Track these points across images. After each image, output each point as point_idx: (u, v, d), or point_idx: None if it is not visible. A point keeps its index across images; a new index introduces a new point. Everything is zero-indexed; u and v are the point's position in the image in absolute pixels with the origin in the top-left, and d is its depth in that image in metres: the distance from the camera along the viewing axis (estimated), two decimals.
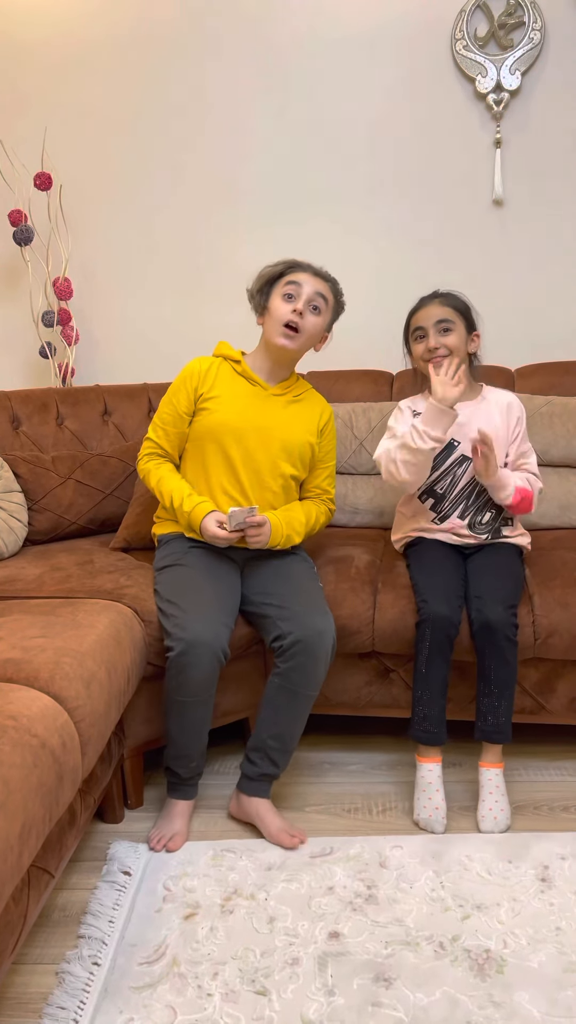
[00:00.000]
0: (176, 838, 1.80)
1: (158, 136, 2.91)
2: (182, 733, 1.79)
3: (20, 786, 1.19)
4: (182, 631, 1.73)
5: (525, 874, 1.67)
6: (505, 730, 1.86)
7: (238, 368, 2.03)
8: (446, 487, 2.06)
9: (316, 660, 1.78)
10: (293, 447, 2.00)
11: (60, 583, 1.98)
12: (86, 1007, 1.38)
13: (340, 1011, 1.35)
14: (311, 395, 2.11)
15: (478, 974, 1.42)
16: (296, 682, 1.80)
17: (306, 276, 1.96)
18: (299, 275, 1.96)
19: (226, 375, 2.02)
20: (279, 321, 1.94)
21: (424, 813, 1.85)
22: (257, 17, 2.79)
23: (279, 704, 1.82)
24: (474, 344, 2.05)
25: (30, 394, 2.63)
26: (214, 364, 2.04)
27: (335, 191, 2.88)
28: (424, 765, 1.89)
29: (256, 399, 2.01)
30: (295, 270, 1.98)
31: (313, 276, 1.97)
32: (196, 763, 1.83)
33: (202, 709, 1.77)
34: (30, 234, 2.84)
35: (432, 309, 2.01)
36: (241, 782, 1.89)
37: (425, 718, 1.88)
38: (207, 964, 1.46)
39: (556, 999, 1.36)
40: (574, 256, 2.81)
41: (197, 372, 2.01)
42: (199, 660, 1.71)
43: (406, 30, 2.73)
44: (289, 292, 1.94)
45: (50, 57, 2.89)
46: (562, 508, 2.40)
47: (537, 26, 2.65)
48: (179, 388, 2.02)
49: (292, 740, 1.85)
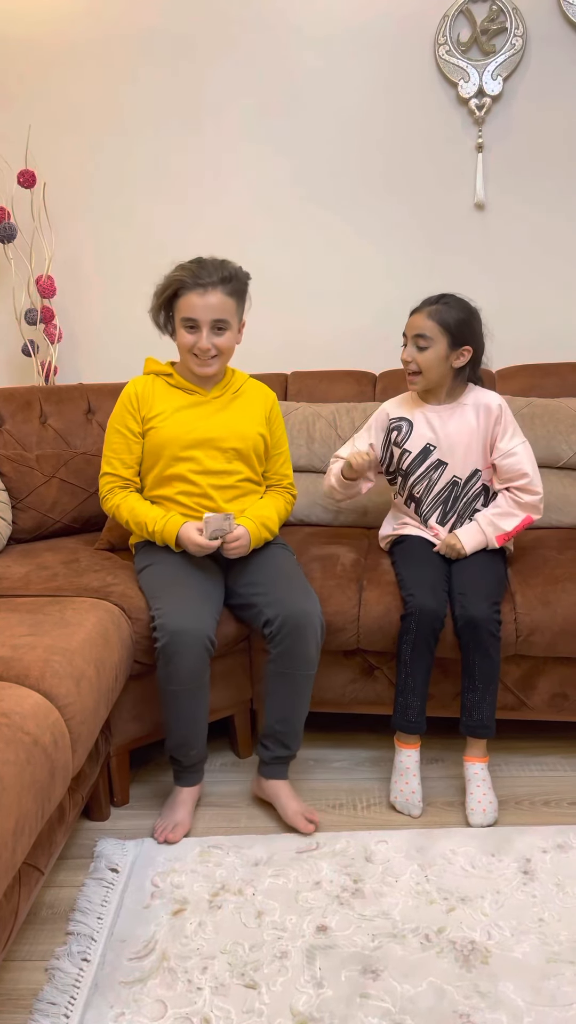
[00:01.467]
0: (177, 828, 1.83)
1: (142, 134, 2.92)
2: (178, 722, 1.81)
3: (14, 783, 1.20)
4: (166, 621, 1.76)
5: (508, 867, 1.70)
6: (489, 724, 1.90)
7: (172, 381, 2.03)
8: (422, 491, 2.10)
9: (305, 640, 1.81)
10: (246, 445, 2.01)
11: (47, 581, 1.99)
12: (76, 1002, 1.39)
13: (329, 1003, 1.37)
14: (250, 386, 2.10)
15: (463, 965, 1.45)
16: (290, 664, 1.83)
17: (199, 301, 1.88)
18: (191, 299, 1.88)
19: (162, 391, 2.02)
20: (186, 351, 1.95)
21: (401, 796, 1.91)
22: (242, 19, 2.80)
23: (278, 690, 1.86)
24: (461, 359, 2.01)
25: (13, 392, 2.62)
26: (148, 382, 2.04)
27: (318, 194, 2.90)
28: (403, 751, 1.94)
29: (196, 408, 2.01)
30: (185, 290, 1.89)
31: (203, 295, 1.88)
32: (196, 750, 1.86)
33: (194, 697, 1.79)
34: (13, 232, 2.83)
35: (418, 319, 2.00)
36: (259, 765, 1.95)
37: (407, 707, 1.92)
38: (196, 959, 1.48)
39: (540, 988, 1.39)
40: (555, 259, 2.86)
41: (134, 395, 2.02)
42: (185, 648, 1.74)
43: (389, 34, 2.76)
44: (189, 326, 1.92)
45: (35, 54, 2.88)
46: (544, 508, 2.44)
47: (519, 32, 2.69)
48: (123, 414, 2.02)
49: (299, 721, 1.89)
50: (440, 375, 2.02)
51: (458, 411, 2.07)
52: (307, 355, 2.96)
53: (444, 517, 2.10)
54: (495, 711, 1.91)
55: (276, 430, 2.11)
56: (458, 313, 1.98)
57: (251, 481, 2.06)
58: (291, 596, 1.85)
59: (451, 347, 1.99)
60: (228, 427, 2.01)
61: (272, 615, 1.83)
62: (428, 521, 2.11)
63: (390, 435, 2.14)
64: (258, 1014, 1.36)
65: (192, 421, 1.99)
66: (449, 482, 2.07)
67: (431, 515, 2.11)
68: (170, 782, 2.08)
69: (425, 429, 2.08)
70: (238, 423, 2.02)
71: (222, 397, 2.04)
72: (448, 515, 2.10)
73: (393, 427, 2.13)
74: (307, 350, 2.97)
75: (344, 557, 2.18)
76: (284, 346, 2.97)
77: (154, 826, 1.86)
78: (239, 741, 2.18)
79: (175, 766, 1.90)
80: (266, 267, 2.92)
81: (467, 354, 2.01)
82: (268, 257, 2.94)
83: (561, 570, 2.05)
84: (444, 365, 2.01)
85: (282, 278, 2.95)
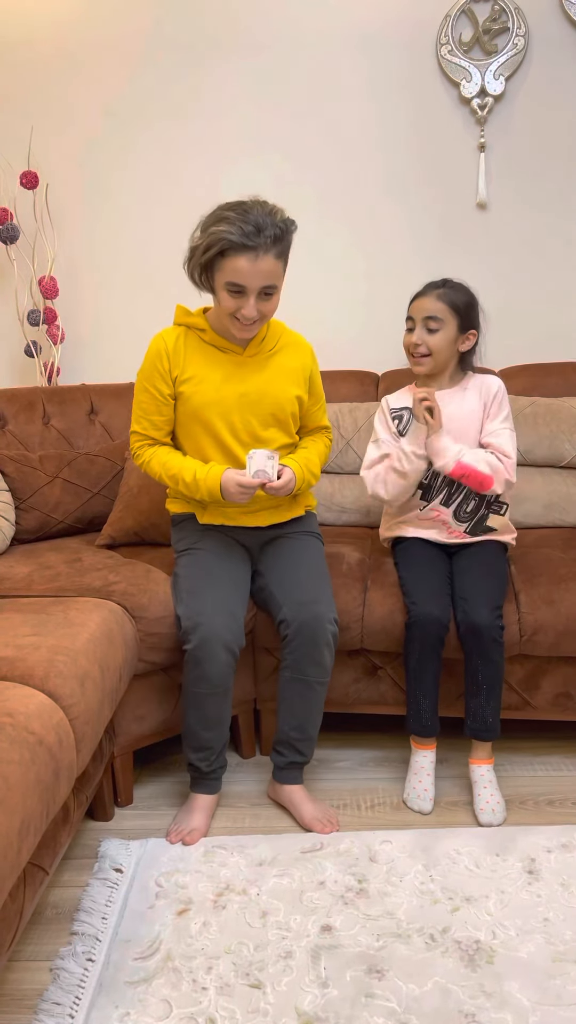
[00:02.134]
0: (194, 833, 1.83)
1: (145, 135, 2.92)
2: (200, 725, 1.82)
3: (19, 782, 1.20)
4: (197, 626, 1.76)
5: (512, 867, 1.70)
6: (494, 727, 1.90)
7: (206, 337, 1.88)
8: (429, 475, 2.09)
9: (317, 646, 1.82)
10: (283, 407, 1.91)
11: (49, 581, 1.99)
12: (81, 1002, 1.39)
13: (334, 1003, 1.37)
14: (287, 340, 1.97)
15: (468, 965, 1.45)
16: (303, 671, 1.84)
17: (248, 267, 1.68)
18: (239, 264, 1.68)
19: (195, 348, 1.88)
20: (229, 313, 1.77)
21: (413, 793, 1.93)
22: (244, 21, 2.80)
23: (292, 696, 1.86)
24: (467, 343, 2.02)
25: (16, 393, 2.62)
26: (179, 337, 1.88)
27: (320, 193, 2.90)
28: (420, 751, 1.97)
29: (232, 367, 1.87)
30: (234, 252, 1.68)
31: (255, 260, 1.68)
32: (216, 757, 1.86)
33: (219, 700, 1.80)
34: (16, 233, 2.84)
35: (426, 302, 1.98)
36: (274, 771, 1.95)
37: (420, 712, 1.93)
38: (201, 958, 1.48)
39: (546, 988, 1.39)
40: (557, 258, 2.85)
41: (164, 353, 1.86)
42: (214, 654, 1.75)
43: (391, 34, 2.76)
44: (234, 291, 1.73)
45: (37, 56, 2.88)
46: (546, 507, 2.44)
47: (521, 32, 2.69)
48: (151, 373, 1.87)
49: (313, 727, 1.90)
50: (447, 358, 2.02)
51: (458, 395, 2.06)
52: None
53: (449, 499, 2.08)
54: (499, 713, 1.91)
55: (316, 386, 2.01)
56: (465, 296, 1.99)
57: (287, 447, 1.99)
58: (309, 601, 1.84)
59: (460, 330, 1.99)
60: (265, 391, 1.88)
61: (288, 617, 1.84)
62: (432, 503, 2.09)
63: (393, 423, 2.13)
64: (263, 1014, 1.35)
65: (226, 384, 1.86)
66: None
67: (436, 498, 2.09)
68: (175, 782, 2.09)
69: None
70: (275, 385, 1.89)
71: (258, 355, 1.90)
72: (453, 497, 2.08)
73: (395, 416, 2.12)
74: None
75: (350, 556, 2.18)
76: None
77: (168, 829, 1.85)
78: (243, 741, 2.18)
79: (193, 772, 1.89)
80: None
81: (473, 338, 2.02)
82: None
83: (565, 569, 2.05)
84: (452, 348, 2.01)
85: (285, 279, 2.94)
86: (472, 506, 2.08)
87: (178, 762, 2.18)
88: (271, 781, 1.97)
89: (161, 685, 1.98)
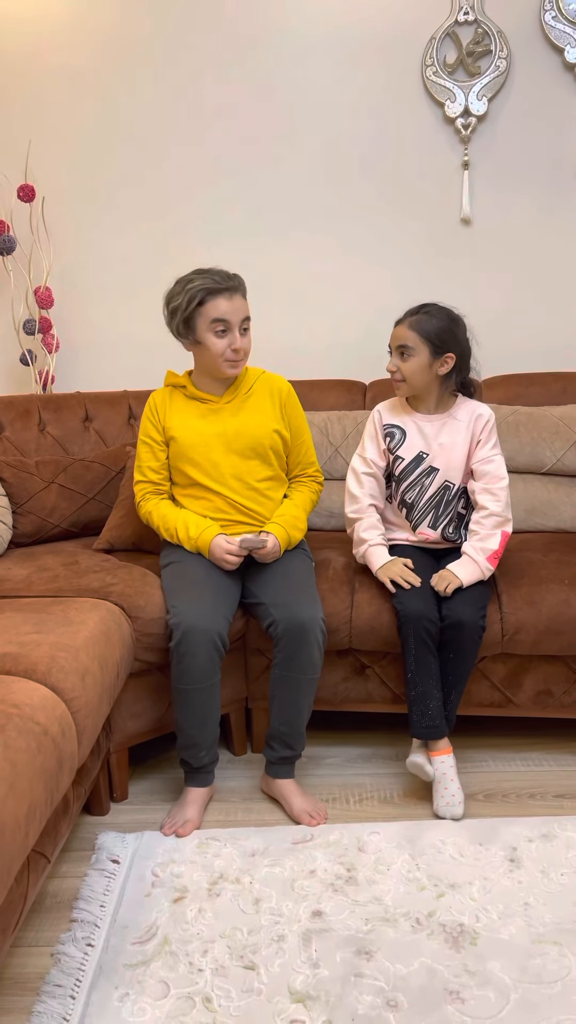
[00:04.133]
0: (187, 825, 1.89)
1: (138, 150, 3.00)
2: (188, 722, 1.89)
3: (26, 769, 1.26)
4: (180, 620, 1.85)
5: (495, 855, 1.77)
6: (452, 719, 2.00)
7: (187, 393, 2.11)
8: (415, 496, 2.16)
9: (306, 645, 1.89)
10: (262, 445, 2.08)
11: (48, 583, 2.05)
12: (82, 984, 1.45)
13: (325, 982, 1.44)
14: (261, 380, 2.15)
15: (453, 946, 1.51)
16: (292, 668, 1.91)
17: (227, 304, 1.95)
18: (220, 304, 1.94)
19: (179, 402, 2.12)
20: (219, 356, 1.99)
21: (442, 802, 1.93)
22: (237, 38, 2.89)
23: (282, 693, 1.93)
24: (445, 367, 2.06)
25: (13, 400, 2.68)
26: (167, 394, 2.14)
27: (310, 210, 2.99)
28: (436, 759, 1.97)
29: (211, 414, 2.09)
30: (212, 297, 1.94)
31: (231, 298, 1.95)
32: (206, 752, 1.92)
33: (205, 696, 1.87)
34: (12, 244, 2.90)
35: (400, 330, 2.05)
36: (266, 765, 2.02)
37: (423, 715, 1.96)
38: (197, 942, 1.54)
39: (526, 967, 1.46)
40: (538, 272, 2.95)
41: (154, 407, 2.13)
42: (196, 647, 1.82)
43: (379, 56, 2.86)
44: (219, 328, 1.96)
45: (35, 71, 2.96)
46: (528, 512, 2.52)
47: (503, 55, 2.79)
48: (147, 426, 2.14)
49: (302, 723, 1.97)
50: (424, 382, 2.08)
51: (450, 423, 2.12)
52: (299, 365, 3.03)
53: (436, 521, 2.16)
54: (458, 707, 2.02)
55: (293, 419, 2.16)
56: (439, 322, 2.03)
57: (272, 479, 2.13)
58: (296, 604, 1.92)
59: (433, 355, 2.04)
60: (240, 429, 2.07)
61: (276, 619, 1.91)
62: (419, 527, 2.17)
63: (384, 440, 2.20)
64: (257, 993, 1.42)
65: (206, 429, 2.07)
66: (441, 487, 2.14)
67: (423, 520, 2.17)
68: (169, 778, 2.15)
69: (418, 438, 2.14)
70: (251, 424, 2.08)
71: (234, 400, 2.10)
72: (440, 519, 2.16)
73: (387, 433, 2.19)
74: (299, 360, 3.04)
75: (336, 561, 2.25)
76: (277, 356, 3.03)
77: (163, 822, 1.92)
78: (235, 739, 2.25)
79: (185, 767, 1.96)
80: (260, 280, 2.99)
81: (450, 361, 2.06)
82: (262, 270, 3.02)
83: (545, 571, 2.13)
84: (428, 372, 2.06)
85: (275, 291, 3.03)
86: (453, 528, 2.17)
87: (172, 759, 2.24)
88: (264, 776, 2.04)
89: (156, 684, 2.05)
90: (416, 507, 2.16)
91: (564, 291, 2.96)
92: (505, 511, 2.08)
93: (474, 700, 2.15)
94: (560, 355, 2.95)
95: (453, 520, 2.16)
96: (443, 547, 2.19)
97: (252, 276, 2.96)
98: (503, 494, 2.08)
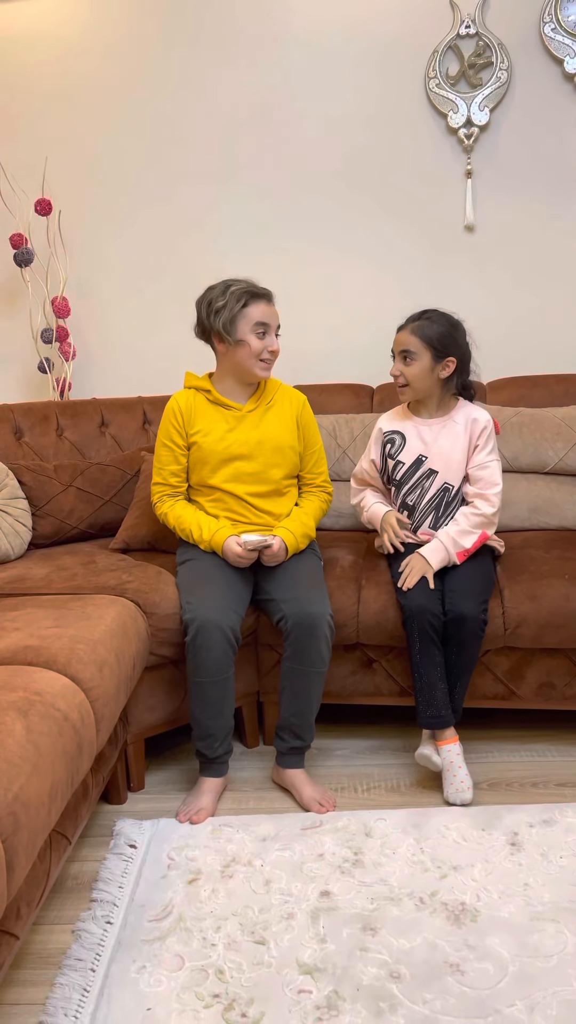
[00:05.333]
0: (201, 812, 1.97)
1: (150, 163, 3.10)
2: (204, 714, 1.97)
3: (49, 751, 1.35)
4: (194, 616, 1.93)
5: (497, 840, 1.84)
6: (459, 709, 2.06)
7: (211, 397, 2.18)
8: (415, 499, 2.23)
9: (315, 639, 1.97)
10: (281, 455, 2.18)
11: (67, 581, 2.14)
12: (102, 958, 1.53)
13: (332, 955, 1.51)
14: (281, 393, 2.25)
15: (454, 923, 1.58)
16: (301, 661, 1.99)
17: (268, 308, 2.11)
18: (262, 308, 2.09)
19: (202, 406, 2.18)
20: (257, 355, 2.10)
21: (451, 789, 2.00)
22: (244, 53, 2.99)
23: (292, 684, 2.01)
24: (447, 370, 2.14)
25: (32, 407, 2.78)
26: (190, 397, 2.20)
27: (319, 216, 3.07)
28: (443, 748, 2.04)
29: (234, 421, 2.17)
30: (255, 301, 2.10)
31: (268, 305, 2.12)
32: (220, 743, 2.00)
33: (219, 689, 1.95)
34: (30, 256, 3.01)
35: (403, 336, 2.14)
36: (277, 756, 2.09)
37: (429, 705, 2.03)
38: (211, 920, 1.62)
39: (524, 942, 1.53)
40: (541, 277, 3.02)
41: (178, 411, 2.18)
42: (210, 640, 1.90)
43: (383, 69, 2.94)
44: (260, 331, 2.09)
45: (49, 88, 3.07)
46: (531, 511, 2.59)
47: (504, 66, 2.86)
48: (168, 428, 2.19)
49: (311, 713, 2.04)
50: (427, 386, 2.16)
51: (449, 426, 2.20)
52: (309, 369, 3.12)
53: (436, 523, 2.23)
54: (464, 698, 2.07)
55: (308, 433, 2.26)
56: (440, 327, 2.11)
57: (287, 485, 2.24)
58: (306, 599, 2.00)
59: (435, 359, 2.12)
60: (263, 440, 2.16)
61: (286, 615, 1.99)
62: (420, 528, 2.24)
63: (384, 447, 2.28)
64: (267, 966, 1.49)
65: (229, 435, 2.15)
66: (440, 489, 2.21)
67: (423, 522, 2.24)
68: (183, 769, 2.23)
69: (417, 442, 2.22)
70: (272, 434, 2.17)
71: (256, 410, 2.19)
72: (441, 521, 2.22)
73: (387, 440, 2.27)
74: (308, 364, 3.13)
75: (343, 559, 2.33)
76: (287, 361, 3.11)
77: (178, 810, 2.00)
78: (247, 732, 2.32)
79: (200, 758, 2.04)
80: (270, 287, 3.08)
81: (452, 364, 2.14)
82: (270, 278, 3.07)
83: (547, 567, 2.19)
84: (431, 376, 2.14)
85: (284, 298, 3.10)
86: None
87: (187, 751, 2.33)
88: (274, 766, 2.12)
89: (170, 678, 2.13)
90: (417, 509, 2.23)
91: (566, 296, 3.02)
92: (494, 515, 2.16)
93: (478, 693, 2.21)
94: (562, 358, 3.02)
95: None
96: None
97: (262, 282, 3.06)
98: (496, 499, 2.16)
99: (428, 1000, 1.40)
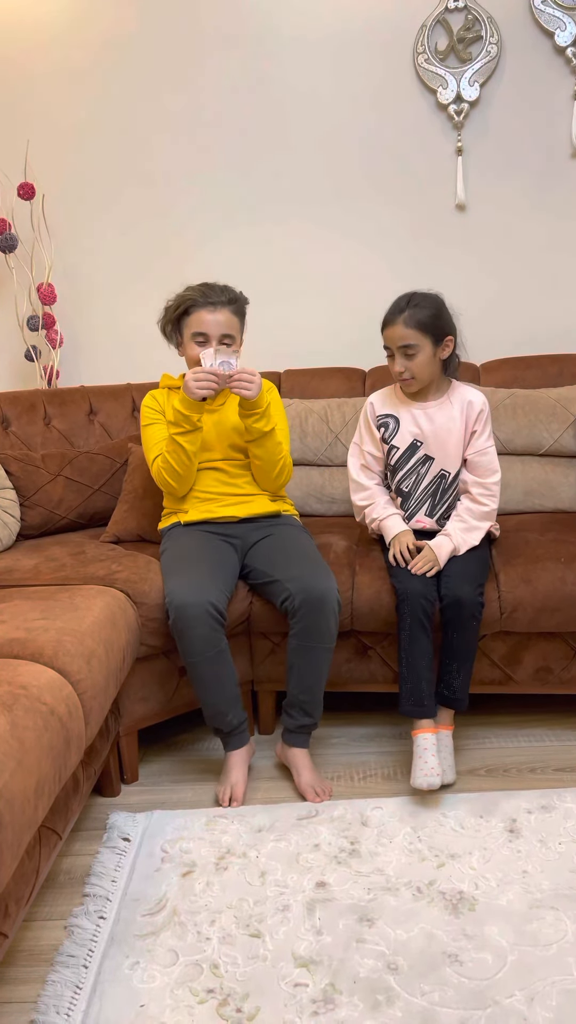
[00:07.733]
0: (237, 787, 1.98)
1: (137, 146, 3.04)
2: (206, 691, 1.95)
3: (34, 746, 1.32)
4: (172, 598, 1.91)
5: (495, 827, 1.82)
6: (462, 697, 2.02)
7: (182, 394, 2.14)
8: (411, 485, 2.19)
9: (323, 615, 1.95)
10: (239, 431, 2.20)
11: (55, 572, 2.10)
12: (94, 954, 1.51)
13: (328, 947, 1.49)
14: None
15: (452, 912, 1.56)
16: (309, 638, 1.96)
17: (209, 317, 2.10)
18: (203, 316, 2.10)
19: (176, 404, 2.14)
20: (195, 363, 2.12)
21: (419, 774, 1.89)
22: (232, 32, 2.92)
23: (300, 662, 1.99)
24: (447, 350, 2.09)
25: (18, 395, 2.74)
26: (163, 395, 2.26)
27: (306, 198, 3.02)
28: (417, 736, 1.96)
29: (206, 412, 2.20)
30: (196, 308, 2.11)
31: (213, 311, 2.10)
32: (231, 716, 1.99)
33: (213, 664, 1.93)
34: (14, 242, 2.95)
35: (397, 330, 2.03)
36: (283, 732, 2.07)
37: (412, 693, 1.99)
38: (205, 913, 1.59)
39: (523, 931, 1.50)
40: (533, 256, 2.97)
41: (154, 403, 2.25)
42: (192, 620, 1.88)
43: (370, 45, 2.88)
44: (199, 340, 2.12)
45: (32, 71, 3.00)
46: (525, 494, 2.56)
47: (494, 40, 2.80)
48: (149, 413, 2.24)
49: (319, 690, 2.02)
50: (432, 372, 2.10)
51: (445, 407, 2.14)
52: (300, 353, 3.07)
53: (432, 510, 2.19)
54: (468, 688, 2.03)
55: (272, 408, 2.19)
56: (429, 309, 2.03)
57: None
58: (311, 575, 1.98)
59: (435, 344, 2.06)
60: (227, 426, 2.21)
61: (292, 593, 1.97)
62: (415, 515, 2.20)
63: (378, 431, 2.23)
64: (262, 959, 1.47)
65: (204, 418, 2.17)
66: (437, 475, 2.16)
67: (419, 510, 2.20)
68: (178, 760, 2.20)
69: (411, 426, 2.16)
70: (235, 420, 2.20)
71: (227, 401, 2.24)
72: (436, 508, 2.18)
73: (380, 423, 2.22)
74: (299, 349, 3.08)
75: (337, 545, 2.29)
76: (277, 345, 3.08)
77: (216, 795, 1.99)
78: None
79: (219, 735, 2.03)
80: (258, 270, 3.04)
81: (450, 344, 2.08)
82: (260, 260, 3.06)
83: (542, 550, 2.16)
84: (434, 362, 2.08)
85: (274, 281, 3.07)
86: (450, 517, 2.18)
87: (180, 742, 2.30)
88: (280, 743, 2.10)
89: (162, 669, 2.10)
90: (412, 496, 2.19)
91: (559, 274, 2.98)
92: (496, 508, 2.15)
93: (475, 678, 2.18)
94: (556, 338, 2.97)
95: (451, 508, 2.18)
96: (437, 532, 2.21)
97: (250, 266, 3.03)
98: (497, 489, 2.14)
99: (426, 992, 1.38)
